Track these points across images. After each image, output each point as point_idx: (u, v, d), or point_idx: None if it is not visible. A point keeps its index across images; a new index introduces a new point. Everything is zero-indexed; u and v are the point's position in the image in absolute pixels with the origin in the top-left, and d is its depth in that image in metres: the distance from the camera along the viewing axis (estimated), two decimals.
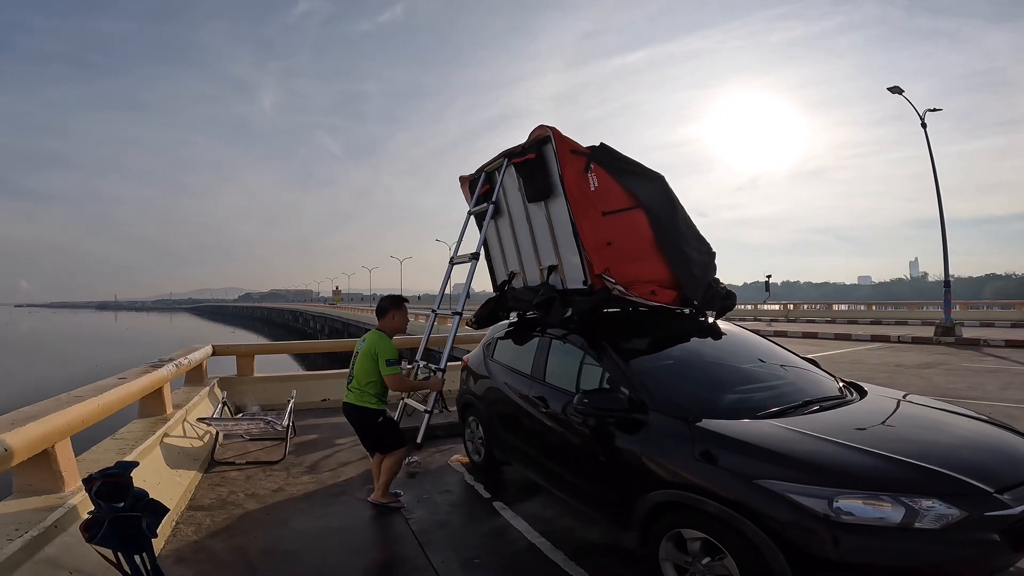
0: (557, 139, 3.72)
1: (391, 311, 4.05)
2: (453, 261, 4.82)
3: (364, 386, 3.90)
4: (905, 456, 2.45)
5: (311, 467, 4.94)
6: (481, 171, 4.68)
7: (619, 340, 3.55)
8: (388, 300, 4.12)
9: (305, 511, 4.02)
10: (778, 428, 2.72)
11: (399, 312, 4.07)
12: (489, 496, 4.55)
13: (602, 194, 3.75)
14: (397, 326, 4.07)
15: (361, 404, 3.92)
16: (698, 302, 3.90)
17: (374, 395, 3.90)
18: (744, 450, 2.57)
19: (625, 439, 3.02)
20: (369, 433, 4.03)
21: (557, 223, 3.96)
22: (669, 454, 2.79)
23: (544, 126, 3.79)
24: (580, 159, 3.73)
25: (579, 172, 3.71)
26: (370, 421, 3.95)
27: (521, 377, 4.19)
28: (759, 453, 2.53)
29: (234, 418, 5.30)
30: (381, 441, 4.02)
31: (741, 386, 3.33)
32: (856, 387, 3.54)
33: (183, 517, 3.88)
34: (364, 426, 4.02)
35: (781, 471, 2.41)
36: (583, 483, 3.42)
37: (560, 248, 4.02)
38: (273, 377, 7.35)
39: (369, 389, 3.89)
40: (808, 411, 2.97)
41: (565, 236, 3.90)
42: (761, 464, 2.47)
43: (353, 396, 3.95)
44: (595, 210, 3.73)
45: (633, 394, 3.09)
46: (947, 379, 9.87)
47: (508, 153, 4.22)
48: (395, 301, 4.12)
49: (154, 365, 4.80)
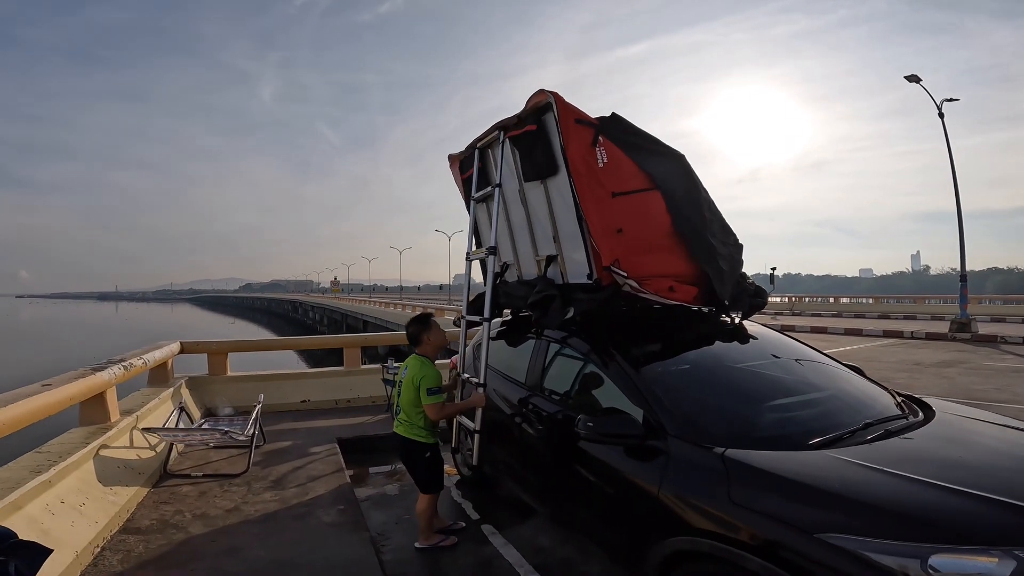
0: (560, 106, 3.09)
1: (423, 335, 3.50)
2: (470, 257, 4.19)
3: (412, 417, 3.42)
4: (1008, 496, 1.86)
5: (276, 481, 4.36)
6: (473, 148, 4.03)
7: (631, 346, 2.94)
8: (415, 325, 3.55)
9: (260, 537, 3.43)
10: (841, 462, 2.11)
11: (431, 332, 3.50)
12: (478, 517, 4.00)
13: (612, 171, 3.14)
14: (437, 344, 3.54)
15: (410, 436, 3.44)
16: (727, 301, 3.26)
17: (424, 427, 3.43)
18: (799, 492, 1.97)
19: (639, 470, 2.42)
20: (413, 467, 3.56)
21: (558, 206, 3.34)
22: (696, 492, 2.19)
23: (544, 91, 3.17)
24: (587, 130, 3.12)
25: (585, 145, 3.10)
26: (418, 455, 3.48)
27: (514, 385, 3.59)
28: (820, 497, 1.93)
29: (184, 428, 4.70)
30: (422, 476, 3.54)
31: (783, 405, 2.72)
32: (917, 402, 2.94)
33: (111, 542, 3.31)
34: (410, 460, 3.55)
35: (853, 522, 1.82)
36: (586, 517, 2.84)
37: (561, 236, 3.39)
38: (248, 376, 6.75)
39: (418, 421, 3.42)
40: (871, 437, 2.36)
41: (567, 222, 3.28)
42: (824, 512, 1.88)
43: (403, 428, 3.47)
44: (603, 190, 3.11)
45: (649, 415, 2.49)
46: (971, 380, 9.29)
47: (502, 125, 3.60)
48: (422, 322, 3.55)
49: (95, 368, 4.21)
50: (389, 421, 6.07)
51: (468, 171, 4.14)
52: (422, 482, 3.52)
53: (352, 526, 3.61)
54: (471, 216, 4.35)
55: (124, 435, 4.21)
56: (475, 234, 4.40)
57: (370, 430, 5.85)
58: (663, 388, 2.60)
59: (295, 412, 6.50)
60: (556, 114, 3.10)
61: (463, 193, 4.38)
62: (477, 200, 4.08)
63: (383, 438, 5.58)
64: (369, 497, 4.42)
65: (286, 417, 6.25)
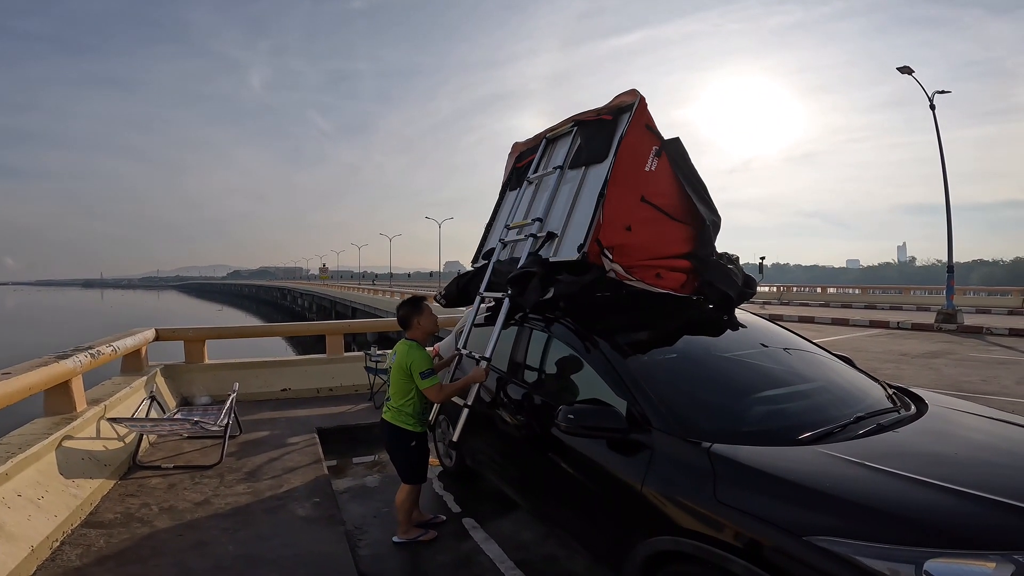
0: (640, 107, 3.18)
1: (414, 318, 3.34)
2: (509, 225, 4.08)
3: (401, 404, 3.28)
4: (1006, 497, 1.77)
5: (251, 473, 4.21)
6: (541, 138, 4.06)
7: (615, 334, 2.81)
8: (406, 307, 3.39)
9: (228, 532, 3.29)
10: (831, 459, 2.00)
11: (422, 315, 3.35)
12: (459, 511, 3.89)
13: (652, 180, 3.16)
14: (428, 330, 3.39)
15: (397, 423, 3.30)
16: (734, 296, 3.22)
17: (412, 414, 3.29)
18: (787, 491, 1.86)
19: (622, 465, 2.31)
20: (397, 456, 3.43)
21: (586, 189, 3.32)
22: (680, 490, 2.08)
23: (636, 91, 3.23)
24: (651, 137, 3.21)
25: (642, 146, 3.17)
26: (403, 443, 3.34)
27: (496, 374, 3.46)
28: (809, 496, 1.83)
29: (153, 419, 4.52)
30: (404, 466, 3.40)
31: (772, 397, 2.60)
32: (909, 394, 2.85)
33: (72, 536, 3.16)
34: (395, 447, 3.41)
35: (843, 523, 1.71)
36: (568, 513, 2.72)
37: (574, 214, 3.32)
38: (226, 364, 6.55)
39: (407, 408, 3.28)
40: (862, 432, 2.26)
41: (587, 202, 3.23)
42: (813, 513, 1.77)
43: (390, 414, 3.33)
44: (635, 186, 3.11)
45: (633, 407, 2.37)
46: (958, 371, 9.30)
47: (578, 118, 3.64)
48: (414, 305, 3.39)
49: (59, 356, 4.03)
50: (371, 410, 5.97)
51: (525, 160, 4.15)
52: (404, 472, 3.39)
53: (327, 520, 3.48)
54: (499, 200, 4.39)
55: (90, 425, 4.04)
56: (494, 217, 4.37)
57: (351, 419, 5.71)
58: (648, 379, 2.48)
59: (275, 401, 6.34)
60: (633, 114, 3.17)
61: (505, 179, 4.41)
62: (529, 182, 4.01)
63: (365, 427, 5.46)
64: (348, 489, 4.30)
65: (265, 406, 6.09)
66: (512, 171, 4.30)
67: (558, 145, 3.88)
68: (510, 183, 4.28)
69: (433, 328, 3.43)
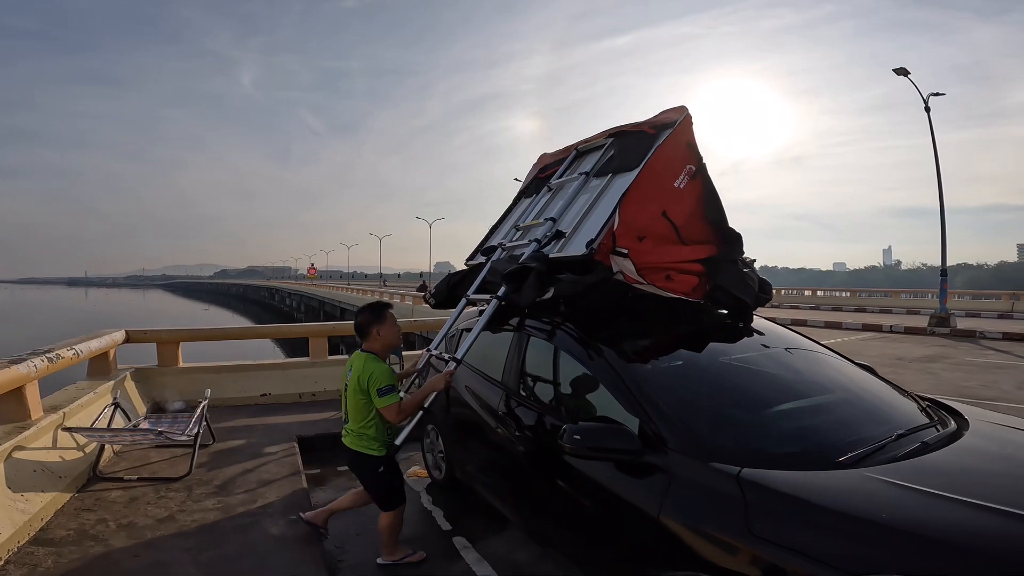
0: (684, 123, 3.00)
1: (373, 327, 2.96)
2: (519, 226, 3.84)
3: (362, 427, 2.92)
4: None
5: (222, 486, 3.89)
6: (572, 148, 3.88)
7: (623, 342, 2.53)
8: (366, 313, 3.04)
9: (192, 552, 2.98)
10: (883, 484, 1.74)
11: (383, 325, 2.99)
12: (449, 528, 3.60)
13: (678, 198, 2.91)
14: (388, 342, 3.02)
15: (358, 449, 2.95)
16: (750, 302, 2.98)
17: (375, 437, 2.93)
18: (839, 523, 1.61)
19: (634, 490, 2.04)
20: (368, 484, 3.10)
21: (608, 195, 3.08)
22: (706, 520, 1.81)
23: (684, 108, 3.06)
24: (689, 156, 3.00)
25: (676, 160, 2.95)
26: (370, 470, 3.00)
27: (489, 384, 3.17)
28: (866, 529, 1.57)
29: (113, 428, 4.17)
30: (380, 495, 3.07)
31: (801, 413, 2.33)
32: (943, 407, 2.60)
33: (17, 555, 2.84)
34: (362, 476, 3.10)
35: (909, 559, 1.47)
36: (569, 537, 2.45)
37: (589, 216, 3.07)
38: (201, 368, 6.19)
39: (369, 430, 2.92)
40: (907, 452, 2.00)
41: (605, 206, 2.99)
42: (872, 548, 1.52)
43: (350, 439, 2.98)
44: (660, 198, 2.87)
45: (646, 425, 2.09)
46: (957, 376, 9.16)
47: (617, 130, 3.46)
48: (375, 312, 3.03)
49: (12, 360, 3.67)
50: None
51: (550, 171, 3.96)
52: (380, 500, 3.06)
53: (303, 539, 3.16)
54: (512, 205, 4.21)
55: (45, 434, 3.69)
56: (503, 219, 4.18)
57: (334, 427, 5.37)
58: (662, 393, 2.21)
59: (254, 407, 5.99)
60: (675, 127, 2.99)
61: (523, 187, 4.24)
62: (549, 188, 3.81)
63: None
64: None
65: (243, 412, 5.74)
66: (533, 180, 4.10)
67: (588, 157, 3.67)
68: (527, 191, 4.06)
69: (394, 341, 3.06)
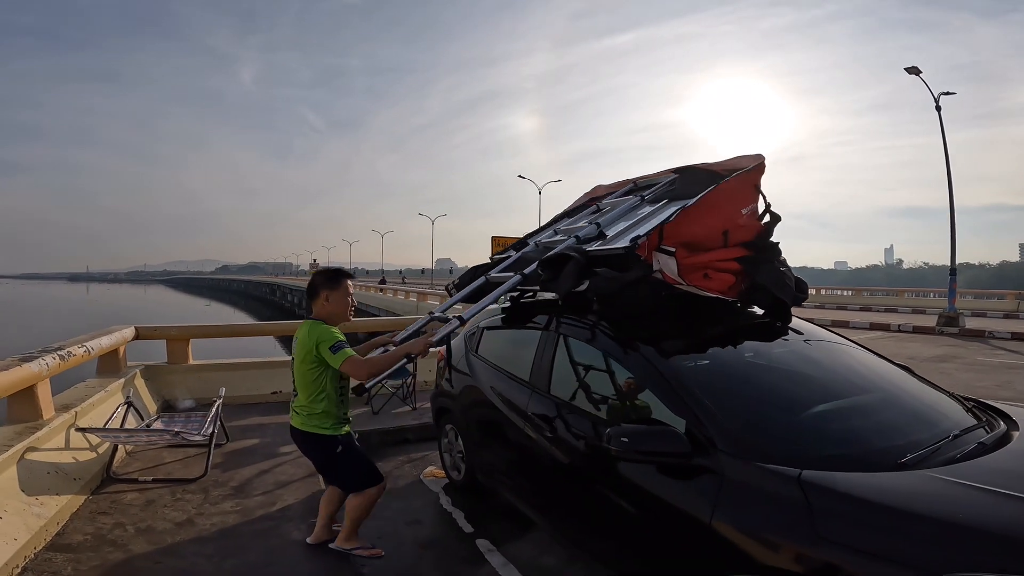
0: (756, 168, 2.93)
1: (324, 291, 2.80)
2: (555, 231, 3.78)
3: (310, 402, 2.73)
4: None
5: (239, 488, 3.81)
6: (630, 182, 3.84)
7: (664, 339, 2.45)
8: (323, 276, 2.87)
9: (213, 558, 2.90)
10: (951, 485, 1.69)
11: (335, 292, 2.82)
12: (472, 531, 3.50)
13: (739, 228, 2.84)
14: (335, 311, 2.83)
15: (308, 430, 2.76)
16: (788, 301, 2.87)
17: (327, 414, 2.74)
18: (912, 524, 1.55)
19: (682, 493, 1.97)
20: (326, 467, 2.93)
21: (660, 213, 3.01)
22: (765, 524, 1.74)
23: (761, 155, 2.99)
24: (754, 195, 2.94)
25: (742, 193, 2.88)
26: (326, 452, 2.81)
27: (515, 384, 3.08)
28: (940, 529, 1.52)
29: (128, 429, 4.10)
30: (343, 477, 2.90)
31: (849, 413, 2.27)
32: (986, 407, 2.53)
33: (34, 562, 2.77)
34: (318, 459, 2.92)
35: (990, 559, 1.42)
36: (612, 546, 2.36)
37: (638, 225, 2.98)
38: (212, 365, 6.13)
39: (317, 407, 2.73)
40: (966, 453, 1.93)
41: (657, 217, 2.93)
42: (951, 549, 1.46)
43: (299, 419, 2.80)
44: (725, 217, 2.79)
45: (694, 426, 2.02)
46: (970, 376, 9.08)
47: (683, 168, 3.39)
48: (330, 276, 2.86)
49: (23, 358, 3.60)
50: (369, 415, 5.57)
51: (602, 197, 3.90)
52: (349, 483, 2.88)
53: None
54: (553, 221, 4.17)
55: (58, 435, 3.62)
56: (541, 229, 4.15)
57: None
58: (708, 393, 2.13)
59: (265, 404, 5.91)
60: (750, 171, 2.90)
61: (570, 208, 4.18)
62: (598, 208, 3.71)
63: (364, 434, 5.06)
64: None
65: (254, 410, 5.67)
66: (582, 205, 4.05)
67: (646, 190, 3.58)
68: (571, 212, 4.03)
69: (342, 312, 2.85)
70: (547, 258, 2.86)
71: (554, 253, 2.87)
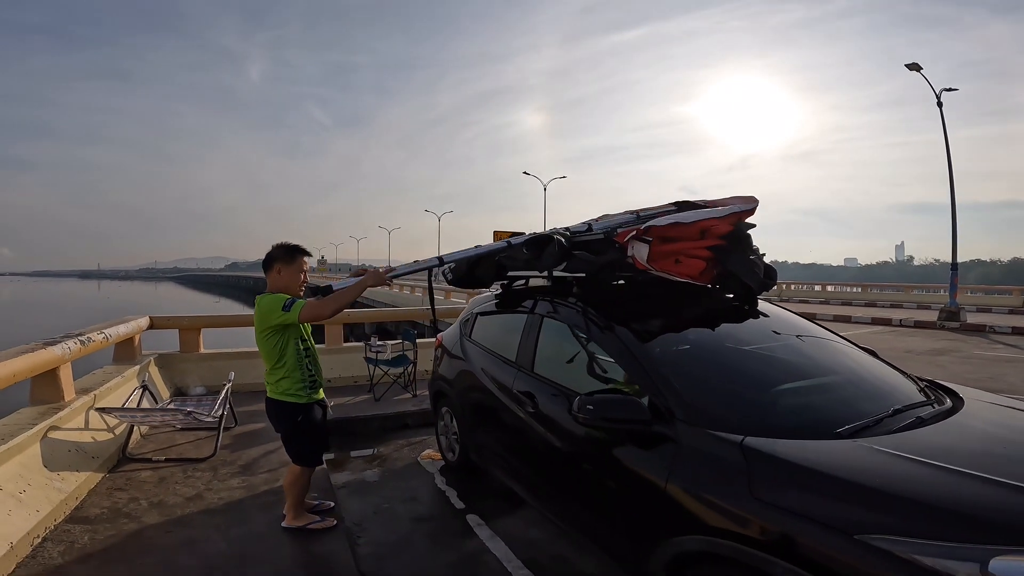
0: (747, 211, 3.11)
1: (278, 264, 2.92)
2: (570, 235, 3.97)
3: (272, 371, 2.94)
4: None
5: (245, 466, 4.05)
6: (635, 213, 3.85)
7: (634, 321, 2.65)
8: (280, 249, 2.95)
9: (220, 528, 3.13)
10: (878, 453, 1.86)
11: (289, 267, 2.93)
12: (463, 507, 3.73)
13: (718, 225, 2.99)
14: (287, 284, 2.94)
15: (274, 397, 2.98)
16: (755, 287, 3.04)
17: (289, 379, 2.92)
18: (835, 487, 1.72)
19: (643, 460, 2.16)
20: (285, 435, 3.08)
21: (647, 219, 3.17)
22: (710, 486, 1.93)
23: (755, 198, 3.16)
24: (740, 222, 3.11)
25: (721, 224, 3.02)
26: (286, 418, 2.99)
27: (503, 364, 3.30)
28: (859, 493, 1.68)
29: (144, 409, 4.35)
30: (289, 443, 3.06)
31: (802, 389, 2.45)
32: (942, 388, 2.70)
33: (54, 533, 3.00)
34: (278, 424, 3.07)
35: (900, 521, 1.57)
36: (582, 512, 2.57)
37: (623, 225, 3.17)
38: (222, 354, 6.38)
39: (279, 374, 2.92)
40: (903, 426, 2.11)
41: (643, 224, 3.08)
42: (864, 510, 1.63)
43: (269, 388, 3.02)
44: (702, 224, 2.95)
45: (655, 398, 2.21)
46: (964, 368, 9.19)
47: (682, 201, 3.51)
48: (288, 251, 2.95)
49: (47, 342, 3.85)
50: (371, 402, 5.80)
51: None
52: (293, 452, 3.05)
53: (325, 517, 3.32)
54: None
55: (78, 416, 3.87)
56: None
57: (351, 411, 5.55)
58: (671, 368, 2.33)
59: None
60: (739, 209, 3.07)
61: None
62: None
63: (364, 420, 5.30)
64: (346, 484, 4.13)
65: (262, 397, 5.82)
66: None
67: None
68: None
69: (293, 286, 2.94)
70: (532, 238, 3.07)
71: (539, 234, 3.07)
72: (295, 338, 2.98)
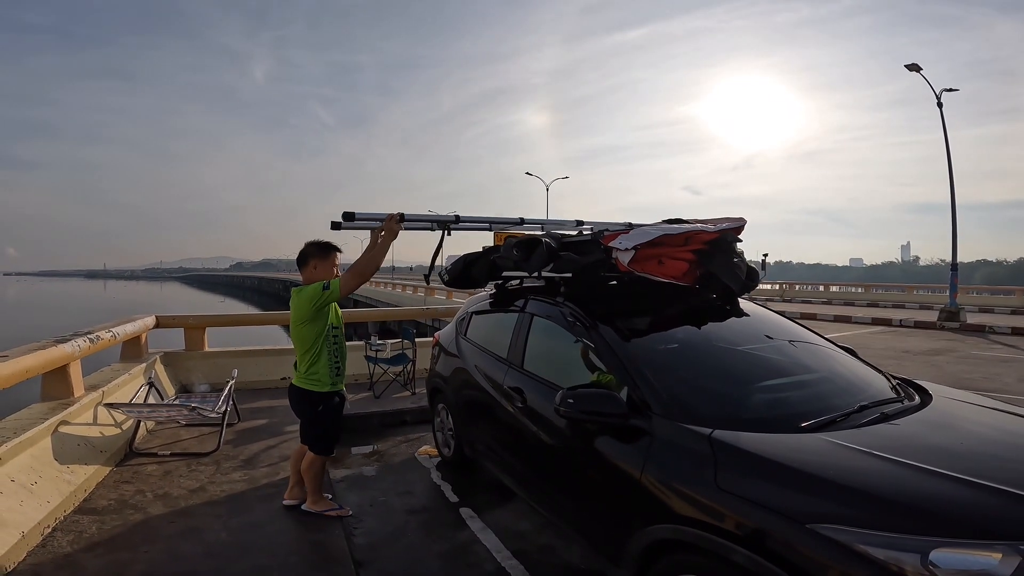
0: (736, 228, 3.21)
1: (313, 260, 3.15)
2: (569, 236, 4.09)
3: (303, 354, 3.15)
4: (1014, 487, 1.74)
5: (247, 461, 4.20)
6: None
7: (617, 320, 2.77)
8: (313, 246, 3.20)
9: (222, 518, 3.27)
10: (834, 446, 1.97)
11: (324, 262, 3.16)
12: (456, 500, 3.85)
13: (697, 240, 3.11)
14: (321, 279, 3.16)
15: (301, 385, 3.19)
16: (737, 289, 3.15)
17: (317, 371, 3.15)
18: (790, 478, 1.83)
19: (621, 452, 2.28)
20: (306, 422, 3.29)
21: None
22: (680, 476, 2.04)
23: (743, 219, 3.24)
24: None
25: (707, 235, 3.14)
26: (311, 406, 3.20)
27: (495, 361, 3.42)
28: (812, 483, 1.79)
29: (150, 404, 4.51)
30: (306, 429, 3.28)
31: (774, 385, 2.57)
32: (913, 385, 2.81)
33: (63, 523, 3.15)
34: (299, 411, 3.29)
35: (848, 512, 1.68)
36: (566, 502, 2.69)
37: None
38: (226, 352, 6.54)
39: (306, 361, 3.15)
40: (865, 421, 2.22)
41: None
42: (816, 500, 1.74)
43: (296, 377, 3.24)
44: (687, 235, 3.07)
45: (633, 392, 2.33)
46: (960, 368, 9.26)
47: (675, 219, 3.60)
48: (322, 248, 3.19)
49: (58, 340, 4.00)
50: (371, 400, 5.94)
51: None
52: (310, 438, 3.25)
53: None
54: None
55: (87, 411, 4.02)
56: None
57: (350, 409, 5.66)
58: (649, 364, 2.45)
59: (274, 389, 6.31)
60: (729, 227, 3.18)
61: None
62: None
63: (363, 417, 5.44)
64: (345, 478, 4.26)
65: (264, 394, 6.07)
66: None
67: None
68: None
69: (328, 280, 3.14)
70: (521, 241, 3.20)
71: (528, 237, 3.20)
72: (327, 328, 3.19)
